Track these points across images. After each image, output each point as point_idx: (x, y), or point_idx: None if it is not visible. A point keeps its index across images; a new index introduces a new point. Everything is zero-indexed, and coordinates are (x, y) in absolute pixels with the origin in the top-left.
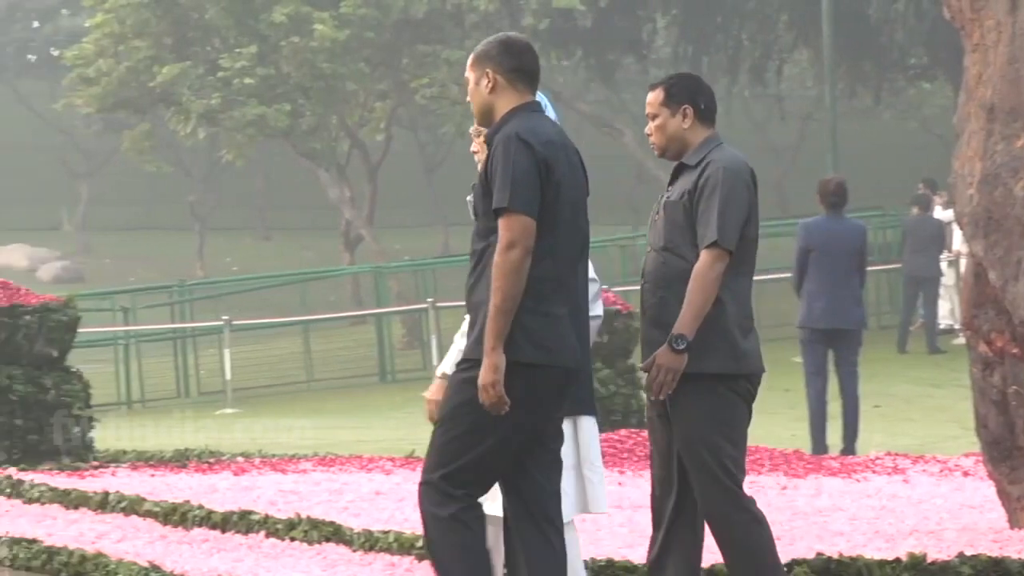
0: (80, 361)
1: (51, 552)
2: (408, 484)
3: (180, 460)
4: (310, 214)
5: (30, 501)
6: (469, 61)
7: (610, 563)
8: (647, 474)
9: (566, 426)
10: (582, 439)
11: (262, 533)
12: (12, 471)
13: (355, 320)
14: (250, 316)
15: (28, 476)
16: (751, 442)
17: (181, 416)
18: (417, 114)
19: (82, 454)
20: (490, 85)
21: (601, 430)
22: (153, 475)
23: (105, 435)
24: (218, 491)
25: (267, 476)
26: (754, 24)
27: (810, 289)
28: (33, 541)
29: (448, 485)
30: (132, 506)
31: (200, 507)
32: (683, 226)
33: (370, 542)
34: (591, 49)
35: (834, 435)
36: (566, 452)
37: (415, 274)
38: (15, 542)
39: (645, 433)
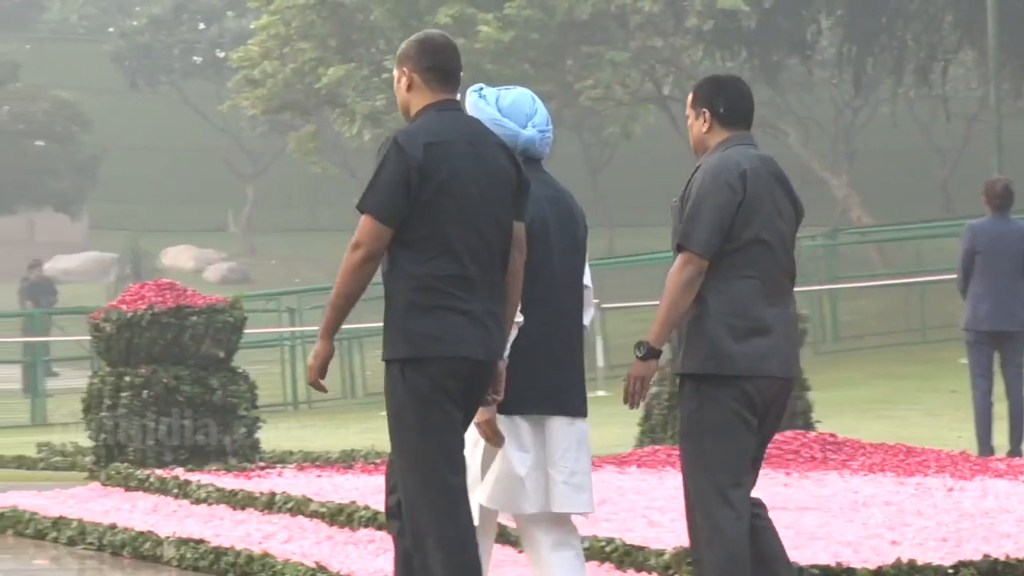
0: (246, 362)
1: (218, 552)
2: None
3: (346, 461)
4: None
5: (197, 502)
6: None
7: None
8: (813, 475)
9: (531, 425)
10: (549, 439)
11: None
12: (179, 471)
13: None
14: None
15: (195, 477)
16: (917, 442)
17: (347, 417)
18: (581, 115)
19: (248, 455)
20: (407, 83)
21: None
22: (319, 476)
23: (271, 436)
24: (383, 492)
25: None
26: (919, 24)
27: (975, 291)
28: (200, 541)
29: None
30: (298, 507)
31: (366, 508)
32: (677, 229)
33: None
34: (755, 50)
35: (1000, 436)
36: (530, 450)
37: None
38: (182, 542)
39: (811, 434)
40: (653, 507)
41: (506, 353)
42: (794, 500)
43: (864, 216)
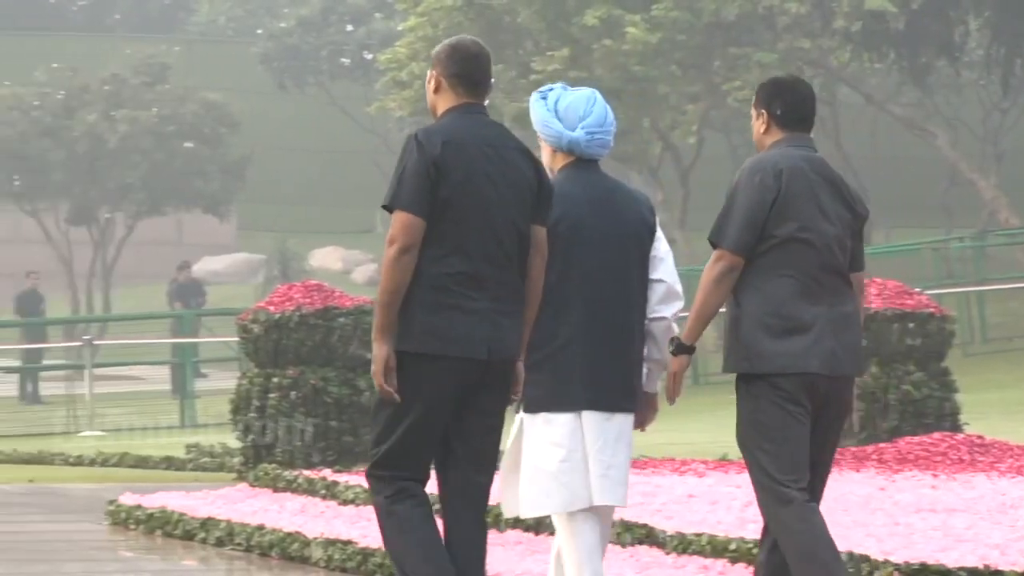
0: None
1: (365, 554)
2: (721, 487)
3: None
4: None
5: (345, 503)
6: None
7: (923, 567)
8: (961, 477)
9: (570, 420)
10: (585, 434)
11: None
12: (327, 472)
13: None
14: None
15: (343, 478)
16: None
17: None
18: (729, 116)
19: None
20: (435, 86)
21: (914, 433)
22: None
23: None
24: None
25: None
26: None
27: None
28: (348, 542)
29: (378, 470)
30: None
31: None
32: None
33: (683, 544)
34: (903, 51)
35: None
36: (570, 446)
37: None
38: (330, 543)
39: (959, 436)
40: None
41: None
42: (942, 502)
43: (1012, 218)
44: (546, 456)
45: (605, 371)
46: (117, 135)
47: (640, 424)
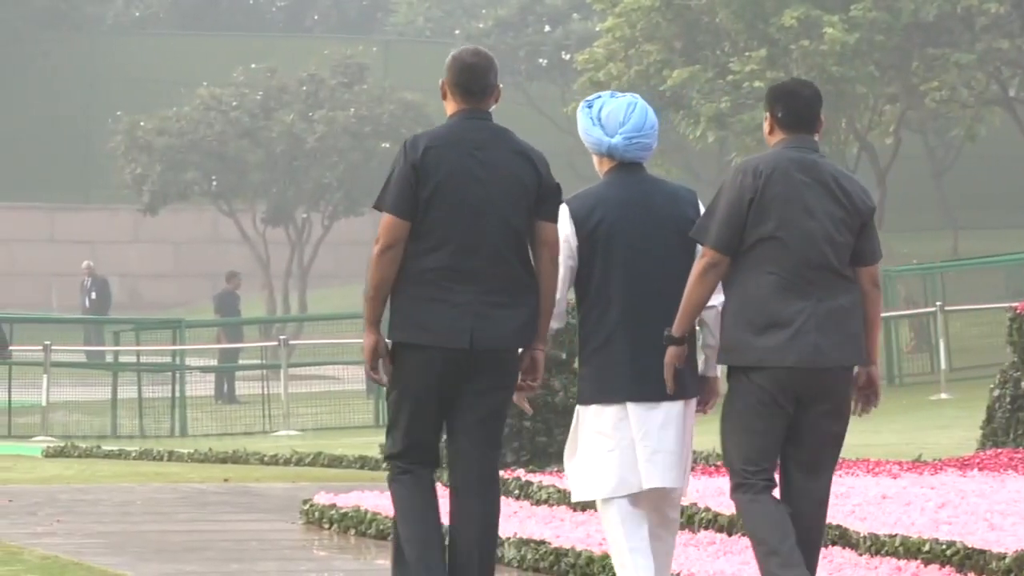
0: None
1: (558, 553)
2: (915, 488)
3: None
4: None
5: (538, 503)
6: None
7: None
8: None
9: (614, 412)
10: (632, 424)
11: None
12: (521, 472)
13: None
14: None
15: (536, 478)
16: None
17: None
18: (927, 117)
19: None
20: (442, 94)
21: None
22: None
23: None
24: (725, 493)
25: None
26: None
27: None
28: (541, 542)
29: (387, 452)
30: None
31: (707, 509)
32: None
33: (876, 546)
34: None
35: None
36: (618, 435)
37: (923, 278)
38: (523, 543)
39: None
40: (995, 510)
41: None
42: None
43: None
44: (596, 445)
45: (649, 363)
46: (315, 135)
47: (703, 406)
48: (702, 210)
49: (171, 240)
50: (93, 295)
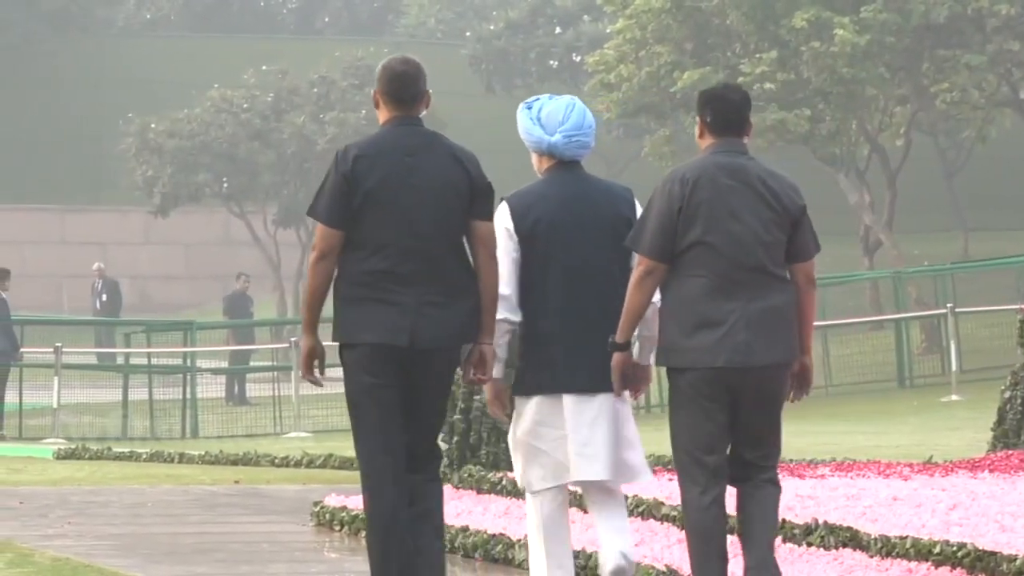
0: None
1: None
2: (926, 490)
3: None
4: (829, 219)
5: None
6: None
7: None
8: None
9: (551, 403)
10: (567, 415)
11: (779, 538)
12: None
13: (873, 325)
14: None
15: None
16: None
17: None
18: (937, 119)
19: None
20: (374, 101)
21: None
22: (671, 480)
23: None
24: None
25: (785, 481)
26: None
27: None
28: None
29: (355, 444)
30: (650, 510)
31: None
32: None
33: (887, 548)
34: None
35: None
36: (554, 425)
37: (934, 279)
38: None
39: None
40: (1006, 512)
41: (504, 339)
42: None
43: None
44: (534, 435)
45: (584, 356)
46: (326, 137)
47: (634, 392)
48: (638, 208)
49: (182, 242)
50: (104, 297)
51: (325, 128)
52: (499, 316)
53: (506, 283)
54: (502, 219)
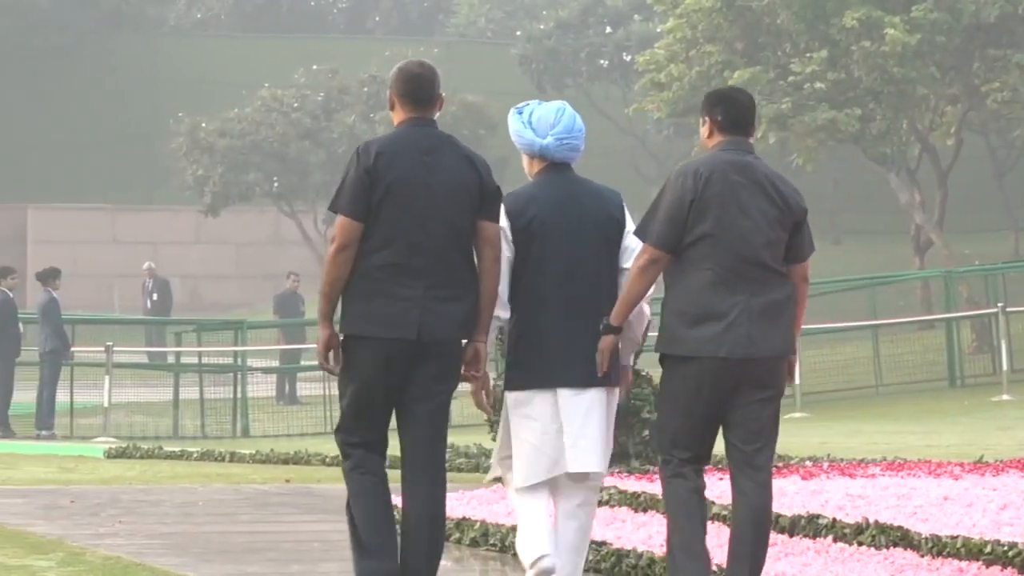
0: (650, 365)
1: (620, 554)
2: (976, 489)
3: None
4: (880, 218)
5: (600, 504)
6: None
7: None
8: None
9: (543, 398)
10: (560, 409)
11: (829, 538)
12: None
13: (923, 325)
14: (819, 320)
15: None
16: None
17: None
18: (988, 118)
19: (651, 457)
20: (390, 103)
21: None
22: (721, 479)
23: None
24: (787, 495)
25: (835, 480)
26: None
27: None
28: (603, 543)
29: (339, 434)
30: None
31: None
32: None
33: (938, 547)
34: None
35: None
36: (547, 419)
37: (985, 279)
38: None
39: None
40: None
41: (493, 335)
42: None
43: None
44: (527, 430)
45: (577, 352)
46: (376, 136)
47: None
48: (626, 210)
49: (232, 241)
50: (155, 296)
51: (375, 127)
52: None
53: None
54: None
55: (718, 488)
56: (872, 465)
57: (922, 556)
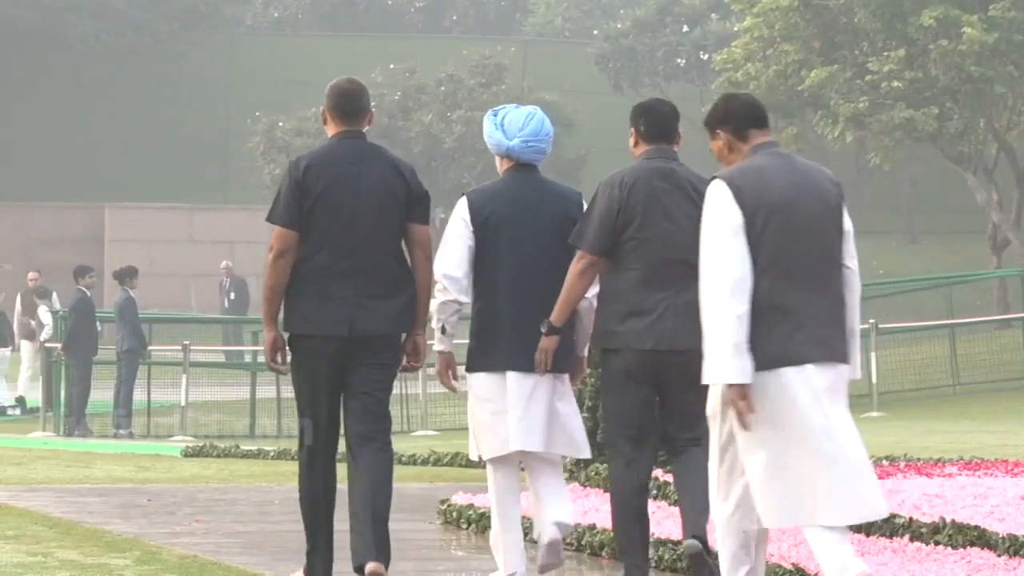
0: None
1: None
2: None
3: None
4: (957, 217)
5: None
6: None
7: None
8: None
9: (495, 380)
10: (508, 391)
11: (906, 537)
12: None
13: (1000, 324)
14: (896, 319)
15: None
16: None
17: None
18: None
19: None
20: (323, 118)
21: None
22: None
23: None
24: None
25: (912, 480)
26: None
27: None
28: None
29: (300, 418)
30: None
31: None
32: None
33: (1015, 547)
34: None
35: None
36: (498, 400)
37: None
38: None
39: None
40: None
41: (454, 319)
42: None
43: None
44: (480, 409)
45: (528, 338)
46: (453, 136)
47: (573, 380)
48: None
49: None
50: (232, 295)
51: (452, 127)
52: (450, 297)
53: (458, 266)
54: (460, 211)
55: None
56: (949, 464)
57: (999, 555)
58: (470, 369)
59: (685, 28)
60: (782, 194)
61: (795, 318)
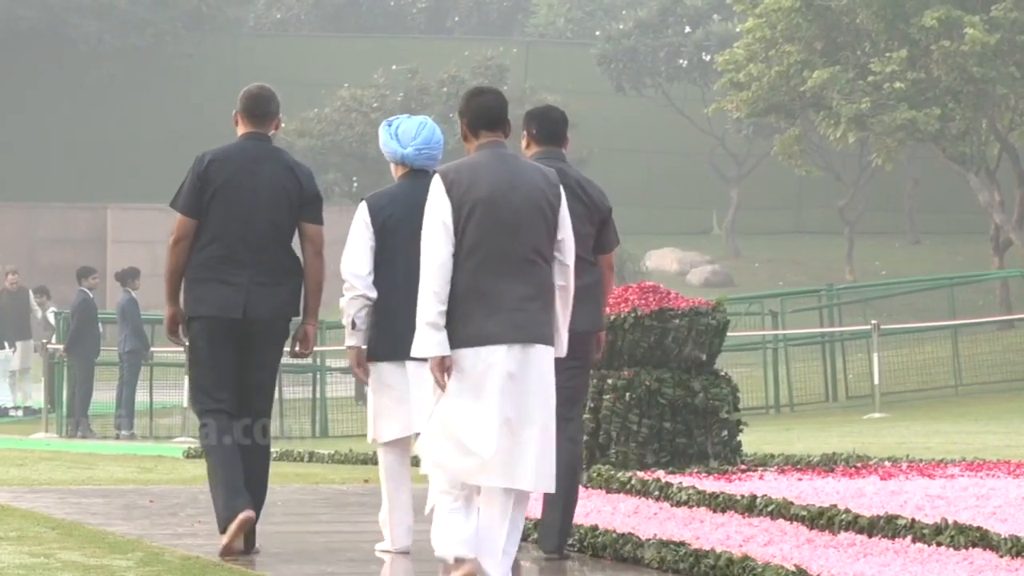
0: (729, 365)
1: (698, 555)
2: None
3: (827, 464)
4: (959, 218)
5: (678, 504)
6: None
7: None
8: None
9: (395, 367)
10: (410, 378)
11: (908, 538)
12: (660, 474)
13: (1003, 325)
14: (898, 320)
15: (676, 479)
16: None
17: (828, 420)
18: None
19: (730, 457)
20: (234, 120)
21: None
22: (800, 479)
23: (753, 438)
24: (865, 495)
25: (914, 481)
26: None
27: None
28: (681, 543)
29: (193, 403)
30: (779, 509)
31: (847, 511)
32: None
33: (1017, 548)
34: None
35: None
36: (400, 386)
37: None
38: (663, 544)
39: None
40: None
41: (363, 313)
42: None
43: None
44: (381, 394)
45: (408, 329)
46: (455, 136)
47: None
48: None
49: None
50: None
51: (454, 127)
52: (357, 292)
53: (363, 265)
54: (361, 214)
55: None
56: (951, 465)
57: (1001, 557)
58: (374, 358)
59: (687, 29)
60: (490, 189)
61: (493, 302)
